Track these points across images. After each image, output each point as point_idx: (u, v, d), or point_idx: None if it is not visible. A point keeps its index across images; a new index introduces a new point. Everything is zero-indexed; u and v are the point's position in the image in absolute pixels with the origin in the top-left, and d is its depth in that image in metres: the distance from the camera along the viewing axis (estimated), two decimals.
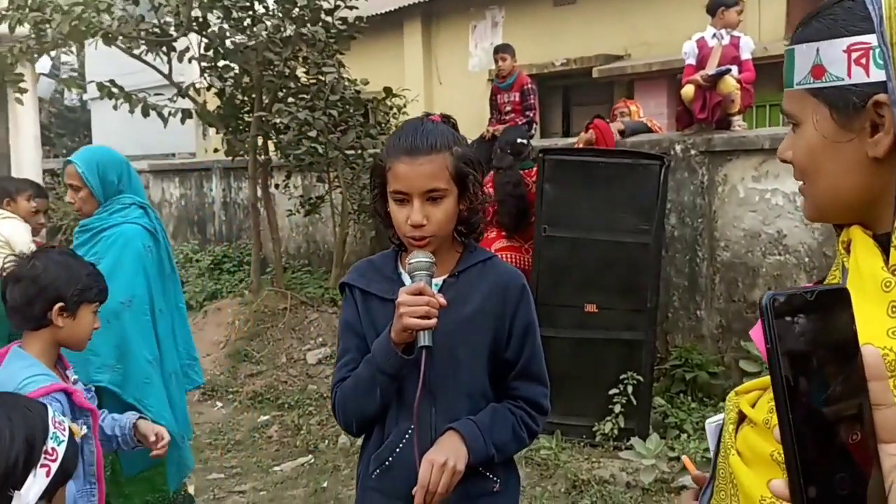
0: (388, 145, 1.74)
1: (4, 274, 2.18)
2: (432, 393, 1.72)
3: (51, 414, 1.46)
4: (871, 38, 0.87)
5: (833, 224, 1.00)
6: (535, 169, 5.42)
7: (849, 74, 0.88)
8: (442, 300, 1.64)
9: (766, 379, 1.04)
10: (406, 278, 1.76)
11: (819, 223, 4.68)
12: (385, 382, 1.69)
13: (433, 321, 1.60)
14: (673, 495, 4.20)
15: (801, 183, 0.98)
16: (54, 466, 1.40)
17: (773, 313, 0.66)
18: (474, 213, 1.76)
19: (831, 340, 0.67)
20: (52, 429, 1.43)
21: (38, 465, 1.38)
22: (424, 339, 1.61)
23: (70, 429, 1.50)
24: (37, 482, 1.36)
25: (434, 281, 1.69)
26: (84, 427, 2.12)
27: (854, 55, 0.88)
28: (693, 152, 5.63)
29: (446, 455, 1.64)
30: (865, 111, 0.87)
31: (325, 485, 4.59)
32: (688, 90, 5.59)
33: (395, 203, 1.70)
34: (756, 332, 1.42)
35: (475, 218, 1.78)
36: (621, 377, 4.78)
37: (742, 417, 1.00)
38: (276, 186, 7.88)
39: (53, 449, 1.41)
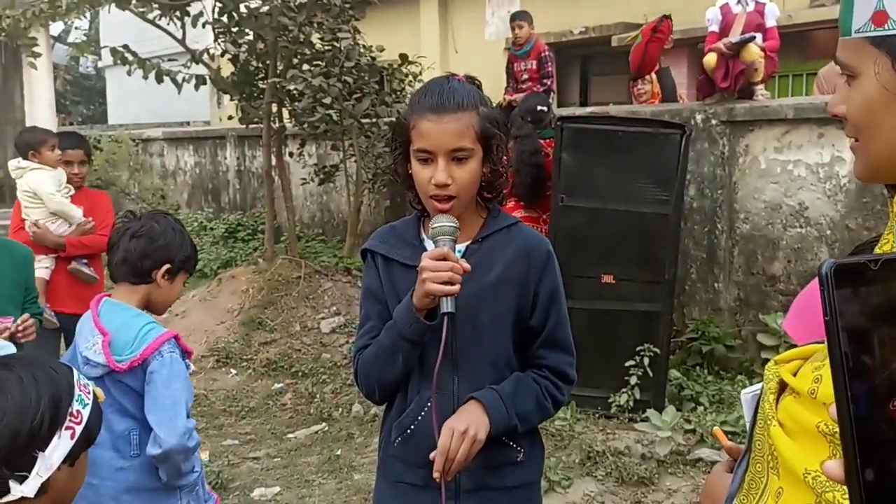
0: (411, 103, 1.71)
1: (122, 228, 2.31)
2: (455, 361, 1.70)
3: (76, 376, 1.45)
4: None
5: (886, 185, 0.95)
6: (554, 139, 5.34)
7: None
8: (466, 265, 1.61)
9: (807, 348, 0.99)
10: (429, 244, 1.73)
11: (851, 194, 4.58)
12: (407, 349, 1.67)
13: (456, 287, 1.58)
14: (688, 467, 4.18)
15: (852, 140, 0.92)
16: (79, 429, 1.38)
17: (834, 283, 0.61)
18: (498, 175, 1.73)
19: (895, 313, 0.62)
20: (77, 391, 1.41)
21: (63, 427, 1.36)
22: (447, 306, 1.58)
23: (94, 392, 1.48)
24: (61, 444, 1.35)
25: (457, 247, 1.66)
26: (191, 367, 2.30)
27: None
28: (714, 122, 5.53)
29: (467, 423, 1.62)
30: None
31: (338, 452, 4.60)
32: (710, 58, 5.49)
33: (419, 162, 1.67)
34: (789, 323, 1.37)
35: (499, 181, 1.74)
36: (638, 349, 4.75)
37: (783, 387, 0.96)
38: (291, 155, 7.85)
39: (78, 411, 1.40)
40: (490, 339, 1.72)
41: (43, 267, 4.30)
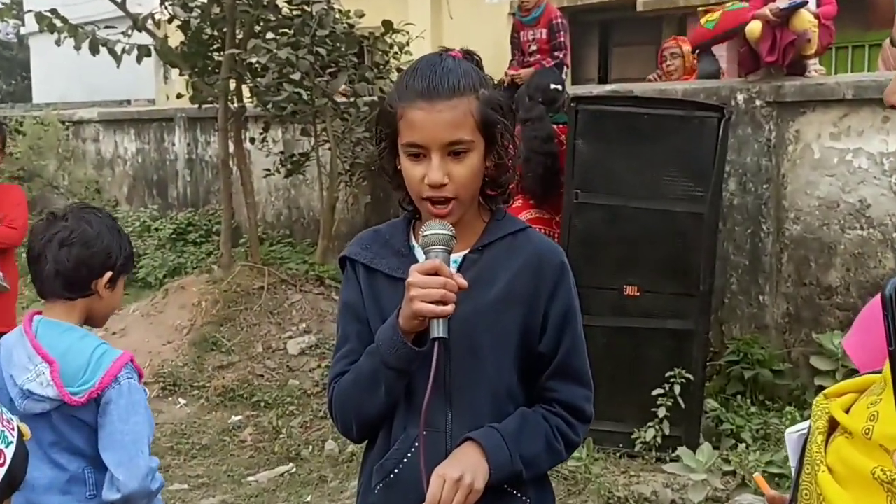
0: (398, 87, 1.71)
1: (46, 235, 2.28)
2: (448, 393, 1.70)
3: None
4: None
5: None
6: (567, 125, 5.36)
7: None
8: (462, 282, 1.61)
9: (863, 379, 1.00)
10: (420, 253, 1.73)
11: None
12: (391, 379, 1.68)
13: (450, 308, 1.58)
14: None
15: None
16: (1, 472, 1.38)
17: None
18: (503, 170, 1.73)
19: None
20: None
21: None
22: (439, 330, 1.58)
23: (19, 429, 1.48)
24: None
25: (452, 256, 1.66)
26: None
27: None
28: (759, 103, 5.56)
29: (462, 469, 1.62)
30: None
31: (307, 499, 4.60)
32: (754, 27, 5.51)
33: (409, 158, 1.67)
34: (850, 342, 1.38)
35: (504, 177, 1.75)
36: (667, 375, 4.75)
37: (833, 426, 0.97)
38: (252, 140, 7.85)
39: (0, 451, 1.39)
40: (490, 367, 1.72)
41: None
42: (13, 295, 4.44)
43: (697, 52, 6.94)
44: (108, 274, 2.27)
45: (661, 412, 4.74)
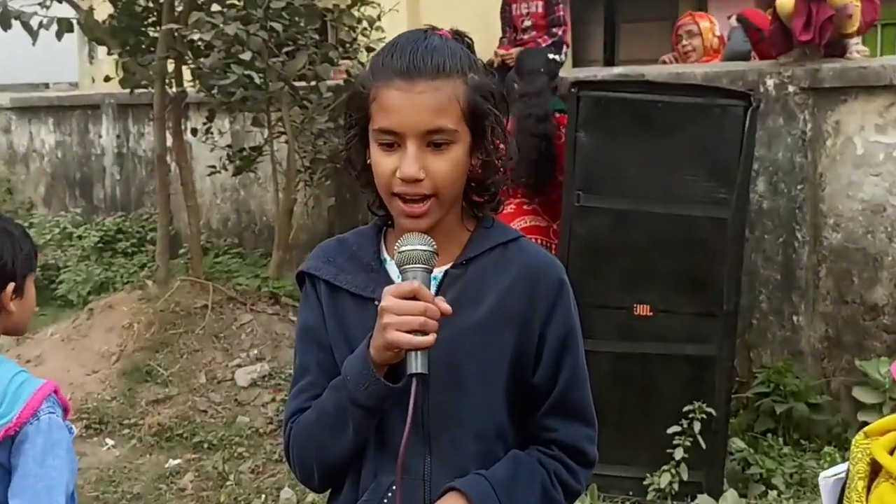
0: (373, 65, 1.71)
1: None
2: (427, 433, 1.70)
3: None
4: None
5: None
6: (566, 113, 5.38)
7: None
8: (445, 307, 1.61)
9: None
10: (392, 270, 1.73)
11: None
12: (360, 418, 1.67)
13: (431, 338, 1.57)
14: None
15: None
16: None
17: None
18: (492, 171, 1.74)
19: None
20: None
21: None
22: (417, 364, 1.57)
23: None
24: None
25: (434, 272, 1.66)
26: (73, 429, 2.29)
27: None
28: (792, 89, 5.60)
29: None
30: None
31: None
32: (786, 1, 5.55)
33: (380, 148, 1.67)
34: None
35: (493, 178, 1.75)
36: (685, 409, 4.76)
37: (876, 469, 0.97)
38: (194, 132, 7.83)
39: None
40: (477, 401, 1.72)
41: None
42: None
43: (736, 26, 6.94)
44: (11, 285, 2.28)
45: (678, 454, 4.74)
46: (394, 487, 1.68)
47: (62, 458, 2.18)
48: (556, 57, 5.86)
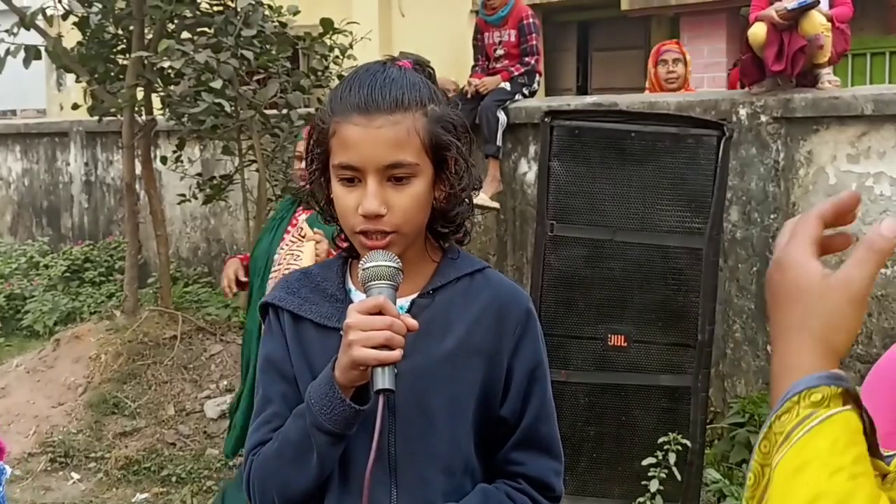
0: (332, 99, 1.71)
1: None
2: (393, 467, 1.69)
3: None
4: None
5: None
6: None
7: None
8: (412, 322, 1.59)
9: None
10: (358, 298, 1.73)
11: None
12: (325, 445, 1.64)
13: (397, 353, 1.55)
14: None
15: None
16: None
17: None
18: (456, 202, 1.74)
19: None
20: None
21: None
22: (383, 380, 1.55)
23: None
24: None
25: (399, 303, 1.65)
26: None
27: None
28: (764, 119, 5.65)
29: None
30: None
31: None
32: (758, 31, 5.61)
33: (341, 183, 1.67)
34: (868, 387, 1.39)
35: (457, 210, 1.75)
36: (660, 441, 4.76)
37: None
38: (164, 160, 7.80)
39: None
40: (444, 435, 1.71)
41: None
42: None
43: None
44: None
45: (654, 485, 4.74)
46: None
47: None
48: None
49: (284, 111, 6.99)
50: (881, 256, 0.95)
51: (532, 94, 7.19)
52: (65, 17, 7.27)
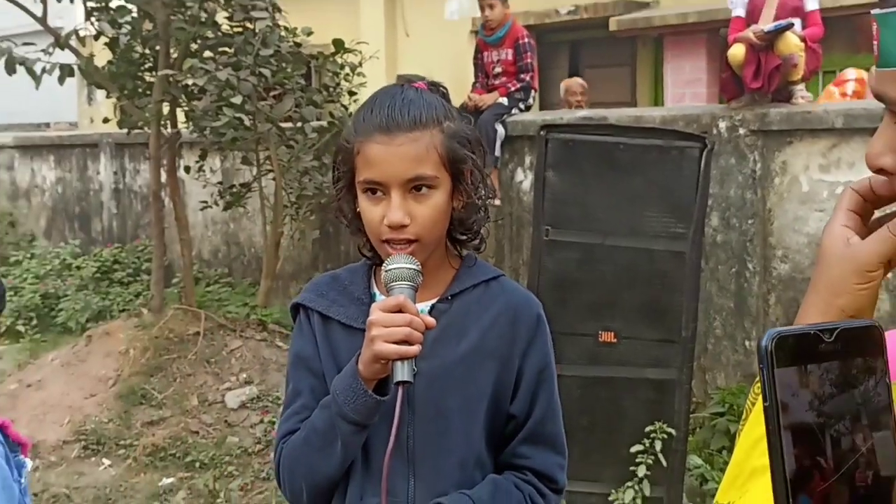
0: (355, 121, 1.72)
1: None
2: (411, 458, 1.69)
3: None
4: None
5: None
6: None
7: None
8: (430, 320, 1.60)
9: None
10: (382, 299, 1.72)
11: None
12: (349, 433, 1.65)
13: (416, 348, 1.56)
14: None
15: None
16: None
17: (775, 360, 0.64)
18: (474, 211, 1.74)
19: (854, 397, 0.65)
20: None
21: None
22: (403, 373, 1.56)
23: None
24: None
25: (419, 306, 1.65)
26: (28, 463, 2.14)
27: None
28: (742, 132, 5.65)
29: None
30: None
31: None
32: (737, 51, 5.62)
33: (367, 198, 1.67)
34: None
35: (474, 218, 1.75)
36: (647, 429, 4.76)
37: None
38: (187, 170, 7.80)
39: None
40: (459, 430, 1.71)
41: None
42: None
43: None
44: None
45: (641, 471, 4.73)
46: None
47: None
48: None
49: (299, 124, 7.00)
50: None
51: (528, 108, 7.20)
52: (96, 37, 7.27)
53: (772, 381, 0.63)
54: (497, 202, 6.64)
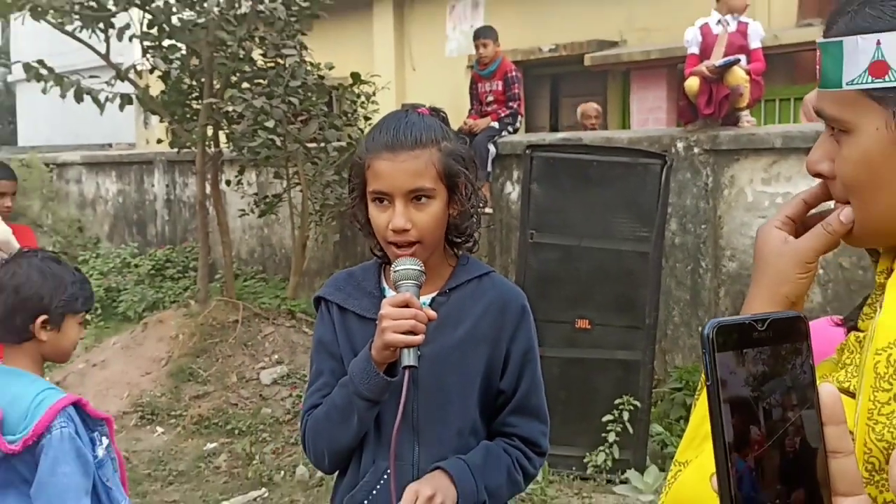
0: (366, 140, 1.72)
1: None
2: (416, 428, 1.69)
3: None
4: None
5: (868, 251, 0.97)
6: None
7: None
8: (431, 313, 1.61)
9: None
10: (390, 294, 1.72)
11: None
12: (363, 409, 1.65)
13: (420, 337, 1.57)
14: None
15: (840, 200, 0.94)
16: None
17: (716, 346, 0.64)
18: (467, 217, 1.73)
19: (783, 377, 0.65)
20: None
21: None
22: (409, 358, 1.57)
23: None
24: None
25: (422, 299, 1.66)
26: (104, 438, 2.15)
27: None
28: (697, 151, 5.65)
29: (434, 489, 1.61)
30: None
31: None
32: (692, 83, 5.61)
33: (375, 206, 1.67)
34: None
35: (468, 223, 1.75)
36: (616, 402, 4.77)
37: None
38: (228, 183, 7.79)
39: None
40: (457, 403, 1.71)
41: None
42: None
43: None
44: (42, 317, 2.14)
45: (611, 437, 4.74)
46: (389, 470, 1.66)
47: (72, 466, 2.03)
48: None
49: (322, 144, 6.99)
50: (833, 237, 0.95)
51: (515, 131, 7.19)
52: (151, 71, 7.26)
53: (713, 363, 0.64)
54: (489, 210, 6.63)
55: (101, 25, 6.78)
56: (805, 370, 0.65)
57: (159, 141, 8.02)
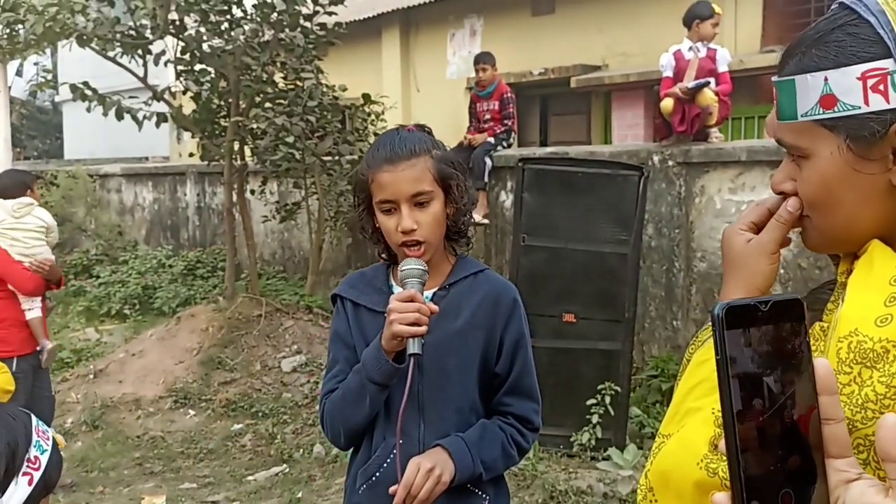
0: (366, 159, 1.74)
1: None
2: (421, 408, 1.71)
3: (34, 422, 1.43)
4: (887, 64, 0.84)
5: (832, 255, 0.99)
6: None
7: (866, 102, 0.85)
8: (433, 307, 1.62)
9: None
10: (398, 291, 1.74)
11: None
12: (374, 392, 1.67)
13: (423, 328, 1.59)
14: None
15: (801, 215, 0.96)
16: (37, 475, 1.37)
17: (725, 324, 0.65)
18: (461, 214, 1.75)
19: (783, 353, 0.66)
20: (35, 437, 1.39)
21: (20, 473, 1.35)
22: (414, 347, 1.59)
23: (54, 439, 1.46)
24: (18, 490, 1.34)
25: (425, 294, 1.67)
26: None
27: (870, 82, 0.85)
28: (671, 163, 5.66)
29: (434, 462, 1.63)
30: (887, 138, 0.86)
31: (299, 495, 4.53)
32: (667, 103, 5.62)
33: (383, 214, 1.69)
34: None
35: (463, 220, 1.77)
36: (598, 387, 4.77)
37: None
38: (252, 192, 7.82)
39: (36, 457, 1.38)
40: (457, 385, 1.73)
41: (36, 307, 4.38)
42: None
43: None
44: None
45: (595, 419, 4.74)
46: (397, 447, 1.68)
47: None
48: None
49: (336, 158, 7.02)
50: (786, 226, 0.98)
51: (510, 146, 7.19)
52: (184, 92, 7.30)
53: (723, 340, 0.65)
54: (485, 221, 6.64)
55: (140, 52, 6.82)
56: (803, 348, 0.66)
57: (191, 154, 8.04)
